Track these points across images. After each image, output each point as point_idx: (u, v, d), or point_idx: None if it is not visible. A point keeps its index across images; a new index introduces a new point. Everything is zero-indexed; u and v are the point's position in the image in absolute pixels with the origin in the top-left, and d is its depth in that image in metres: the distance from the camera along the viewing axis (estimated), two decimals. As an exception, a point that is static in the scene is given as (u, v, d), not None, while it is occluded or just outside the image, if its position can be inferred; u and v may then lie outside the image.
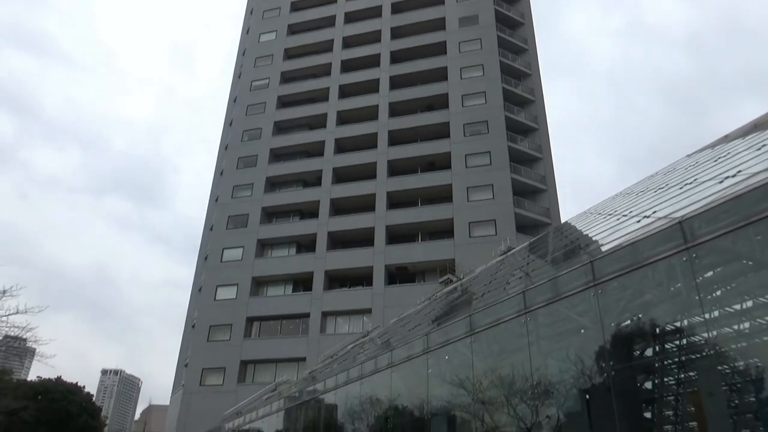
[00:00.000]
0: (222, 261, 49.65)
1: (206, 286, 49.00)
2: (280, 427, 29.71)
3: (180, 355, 51.85)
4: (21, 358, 79.81)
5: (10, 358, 56.00)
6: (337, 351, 36.74)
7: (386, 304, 41.67)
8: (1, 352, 45.03)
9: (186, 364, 47.08)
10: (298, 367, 42.34)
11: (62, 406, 35.76)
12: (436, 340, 18.78)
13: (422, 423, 18.63)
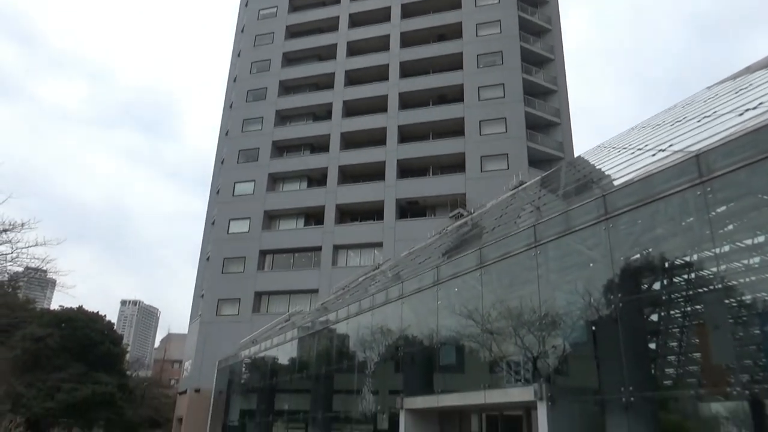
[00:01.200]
0: (234, 195, 50.00)
1: (219, 220, 49.62)
2: (294, 355, 30.85)
3: (196, 286, 53.25)
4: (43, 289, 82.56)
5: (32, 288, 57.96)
6: (349, 283, 37.52)
7: (397, 238, 42.09)
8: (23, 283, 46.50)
9: (202, 295, 48.42)
10: (311, 298, 43.43)
11: (85, 333, 37.18)
12: (446, 273, 19.08)
13: (432, 352, 19.25)
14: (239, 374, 38.72)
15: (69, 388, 33.79)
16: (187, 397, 44.48)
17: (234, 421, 37.86)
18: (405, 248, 37.26)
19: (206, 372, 43.01)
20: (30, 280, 45.11)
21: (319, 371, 26.52)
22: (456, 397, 16.83)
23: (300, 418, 28.47)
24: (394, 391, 20.25)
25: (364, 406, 22.37)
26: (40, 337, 35.15)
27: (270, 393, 32.63)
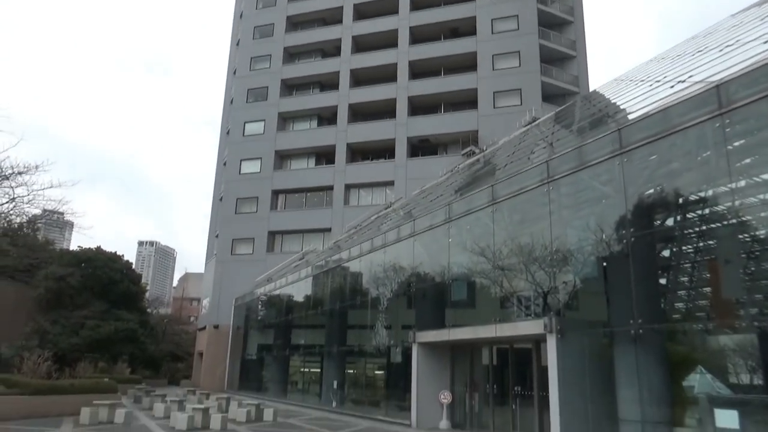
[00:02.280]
0: (244, 135, 49.75)
1: (230, 161, 49.64)
2: (309, 293, 31.56)
3: (211, 227, 53.96)
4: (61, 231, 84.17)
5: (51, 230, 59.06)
6: (361, 222, 37.79)
7: (408, 176, 41.98)
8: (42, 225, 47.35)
9: (217, 235, 49.12)
10: (324, 237, 43.92)
11: (105, 273, 38.08)
12: (458, 210, 19.12)
13: (443, 288, 19.57)
14: (256, 311, 39.82)
15: (92, 324, 35.00)
16: (206, 333, 45.99)
17: (252, 355, 39.28)
18: (416, 186, 37.21)
19: (224, 309, 44.26)
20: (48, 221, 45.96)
21: (334, 307, 27.18)
22: (467, 331, 17.22)
23: (315, 352, 29.44)
24: (406, 326, 20.77)
25: (377, 340, 23.02)
26: (61, 276, 36.13)
27: (286, 328, 33.63)
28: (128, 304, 39.28)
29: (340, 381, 25.50)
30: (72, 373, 29.27)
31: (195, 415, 17.28)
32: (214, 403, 22.90)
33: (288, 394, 31.37)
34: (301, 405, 27.65)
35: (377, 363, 23.35)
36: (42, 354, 25.75)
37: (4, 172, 31.09)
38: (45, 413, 19.04)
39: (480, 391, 18.33)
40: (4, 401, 18.23)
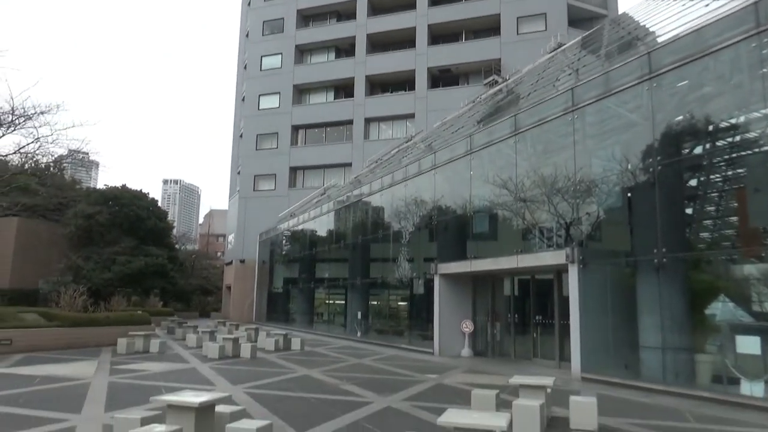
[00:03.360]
0: (261, 70, 49.01)
1: (249, 96, 49.19)
2: (331, 227, 31.92)
3: (232, 164, 54.26)
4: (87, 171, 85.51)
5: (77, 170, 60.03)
6: (382, 156, 37.56)
7: (429, 108, 41.24)
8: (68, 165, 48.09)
9: (239, 172, 49.46)
10: (345, 172, 43.92)
11: (132, 210, 38.77)
12: (480, 141, 18.82)
13: (465, 220, 19.59)
14: (280, 246, 40.57)
15: (123, 260, 36.05)
16: (233, 268, 47.21)
17: (278, 288, 40.37)
18: (437, 119, 36.60)
19: (249, 244, 45.18)
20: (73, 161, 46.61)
21: (356, 241, 27.51)
22: (489, 262, 17.34)
23: (339, 285, 30.11)
24: (428, 259, 20.99)
25: (399, 272, 23.37)
26: (90, 214, 36.90)
27: (310, 262, 34.30)
28: (156, 241, 40.19)
29: (364, 312, 26.17)
30: (107, 306, 30.47)
31: (226, 344, 17.99)
32: (244, 334, 23.76)
33: (314, 325, 32.38)
34: (327, 335, 28.57)
35: (400, 294, 23.82)
36: (77, 289, 26.76)
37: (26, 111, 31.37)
38: (84, 344, 20.02)
39: (501, 320, 18.66)
40: (45, 333, 19.18)
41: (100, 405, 9.43)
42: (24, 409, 8.86)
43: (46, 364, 15.07)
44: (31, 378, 12.42)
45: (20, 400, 9.63)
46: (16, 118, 30.48)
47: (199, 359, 16.90)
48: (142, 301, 36.05)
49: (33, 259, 35.23)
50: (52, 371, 13.60)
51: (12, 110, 31.01)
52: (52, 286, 31.01)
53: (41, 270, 34.94)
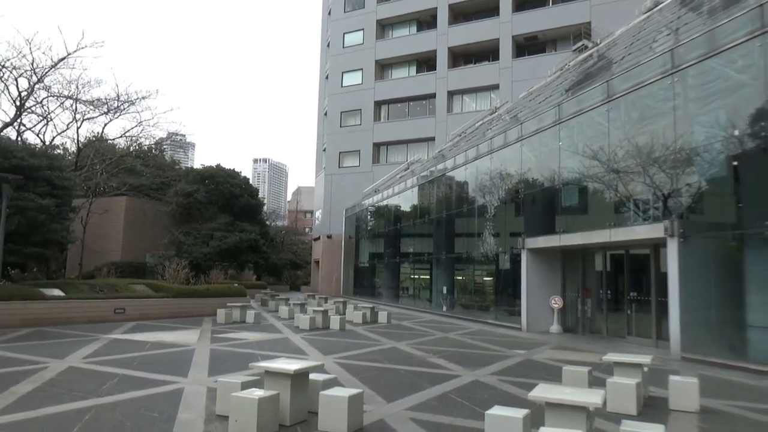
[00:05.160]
0: (344, 47, 49.41)
1: (332, 74, 49.85)
2: (415, 202, 32.00)
3: (318, 142, 55.50)
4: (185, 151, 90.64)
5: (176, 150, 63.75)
6: (465, 129, 36.99)
7: (514, 79, 39.96)
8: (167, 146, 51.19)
9: (324, 149, 50.55)
10: (428, 146, 43.69)
11: (226, 188, 40.85)
12: (569, 111, 18.04)
13: (553, 193, 18.97)
14: (365, 221, 41.25)
15: (220, 236, 38.15)
16: (320, 243, 48.64)
17: (364, 263, 41.18)
18: (523, 89, 35.41)
19: (335, 220, 46.28)
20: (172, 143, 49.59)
21: (441, 216, 27.44)
22: (579, 237, 16.74)
23: (425, 259, 30.25)
24: (514, 233, 20.57)
25: (485, 247, 23.10)
26: (188, 192, 39.31)
27: (395, 237, 34.67)
28: (249, 217, 42.14)
29: (450, 287, 26.18)
30: (206, 279, 32.45)
31: (316, 316, 18.67)
32: (332, 307, 24.54)
33: (399, 299, 32.83)
34: (413, 309, 28.89)
35: (485, 269, 23.59)
36: (180, 262, 28.66)
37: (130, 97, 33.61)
38: (186, 314, 21.49)
39: (592, 296, 18.04)
40: (153, 303, 20.77)
41: (204, 369, 10.12)
42: (138, 372, 9.68)
43: (154, 331, 16.34)
44: (143, 344, 13.52)
45: (134, 363, 10.52)
46: (121, 104, 32.77)
47: (291, 330, 17.66)
48: (238, 275, 38.03)
49: (140, 235, 38.08)
50: (160, 338, 14.72)
51: (117, 97, 33.37)
52: (158, 260, 33.45)
53: (147, 245, 37.74)
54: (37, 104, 29.81)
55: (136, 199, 39.42)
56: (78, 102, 31.03)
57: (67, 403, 7.29)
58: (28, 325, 16.52)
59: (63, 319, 17.52)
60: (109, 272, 31.18)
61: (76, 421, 6.45)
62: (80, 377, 9.19)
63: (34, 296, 17.40)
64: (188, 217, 39.55)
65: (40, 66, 28.11)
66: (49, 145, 32.47)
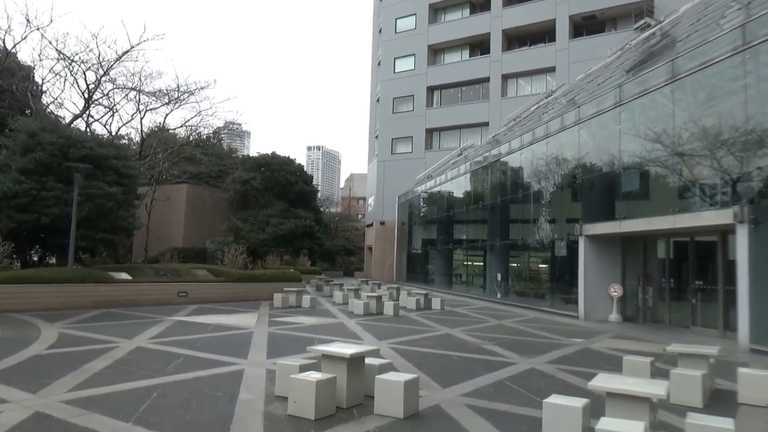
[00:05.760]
0: (396, 32, 49.15)
1: (384, 60, 49.73)
2: (468, 188, 31.67)
3: (370, 128, 55.62)
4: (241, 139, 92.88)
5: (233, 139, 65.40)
6: (520, 113, 36.21)
7: (571, 60, 38.72)
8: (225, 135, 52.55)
9: (376, 136, 50.64)
10: (482, 131, 43.07)
11: (281, 175, 41.61)
12: (630, 92, 17.35)
13: (612, 178, 18.35)
14: (418, 207, 41.19)
15: (276, 222, 38.94)
16: (373, 230, 48.95)
17: (417, 249, 41.20)
18: (580, 71, 34.29)
19: (388, 206, 46.43)
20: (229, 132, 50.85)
21: (495, 202, 27.06)
22: (640, 223, 16.16)
23: (478, 246, 29.97)
24: (571, 219, 20.07)
25: (540, 233, 22.66)
26: (245, 180, 40.30)
27: (448, 223, 34.47)
28: (304, 204, 42.80)
29: (504, 274, 25.87)
30: (263, 264, 33.30)
31: (370, 302, 18.87)
32: (386, 292, 24.71)
33: (452, 285, 32.71)
34: (466, 296, 28.74)
35: (541, 256, 23.16)
36: (238, 248, 29.50)
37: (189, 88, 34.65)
38: (244, 297, 22.13)
39: (654, 284, 17.44)
40: (214, 287, 21.51)
41: (262, 352, 10.42)
42: (201, 353, 10.07)
43: (215, 314, 16.93)
44: (205, 326, 14.04)
45: (197, 345, 10.94)
46: (181, 94, 33.86)
47: (345, 315, 17.92)
48: (293, 260, 38.81)
49: (200, 222, 39.43)
50: (220, 321, 15.25)
51: (177, 87, 34.48)
52: (217, 246, 34.53)
53: (207, 231, 39.03)
54: (104, 96, 31.21)
55: (196, 187, 40.78)
56: (141, 93, 32.28)
57: (137, 381, 7.68)
58: (99, 306, 17.45)
59: (130, 302, 18.41)
60: (171, 257, 32.48)
61: (145, 398, 6.79)
62: (148, 356, 9.65)
63: (104, 279, 18.36)
64: (245, 203, 40.60)
65: (105, 59, 29.37)
66: (115, 135, 33.92)
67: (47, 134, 21.43)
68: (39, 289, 16.40)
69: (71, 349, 10.17)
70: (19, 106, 27.28)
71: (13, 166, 20.99)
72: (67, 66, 28.85)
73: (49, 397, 6.72)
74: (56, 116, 29.99)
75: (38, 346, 10.43)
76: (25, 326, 13.05)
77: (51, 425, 5.68)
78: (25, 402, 6.50)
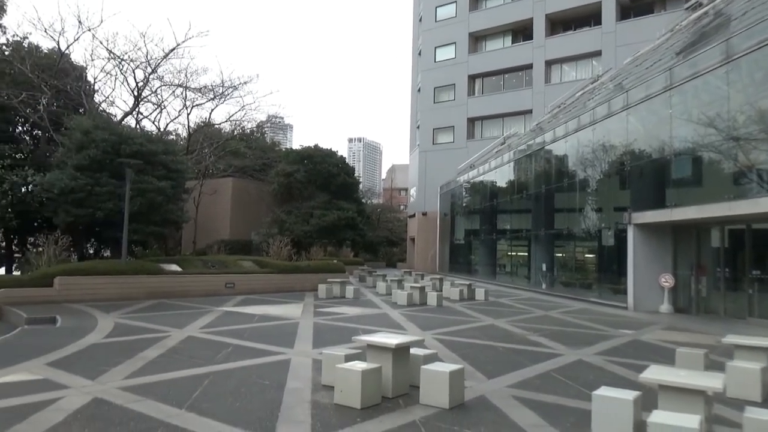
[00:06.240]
0: (436, 21, 48.66)
1: (425, 49, 49.34)
2: (512, 177, 31.21)
3: (412, 118, 55.43)
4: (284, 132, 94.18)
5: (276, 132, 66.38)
6: (565, 100, 35.37)
7: (618, 44, 37.51)
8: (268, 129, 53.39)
9: (418, 126, 50.41)
10: (525, 119, 42.31)
11: (324, 167, 41.99)
12: (681, 75, 16.69)
13: (663, 165, 17.74)
14: (460, 197, 40.87)
15: (319, 214, 39.40)
16: (415, 220, 48.89)
17: (459, 240, 40.94)
18: (628, 54, 33.19)
19: (429, 197, 46.26)
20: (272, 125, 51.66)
21: (539, 191, 26.59)
22: (693, 210, 15.58)
23: (522, 236, 29.53)
24: (619, 208, 19.53)
25: (587, 222, 22.15)
26: (289, 172, 40.88)
27: (491, 213, 34.08)
28: (346, 195, 43.10)
29: (549, 264, 25.44)
30: (306, 255, 33.76)
31: (413, 293, 18.88)
32: (429, 283, 24.67)
33: (496, 276, 32.38)
34: (510, 286, 28.41)
35: (587, 245, 22.65)
36: (282, 240, 29.99)
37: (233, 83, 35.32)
38: (289, 288, 22.50)
39: (708, 274, 16.82)
40: (259, 278, 21.94)
41: (308, 342, 10.58)
42: (249, 342, 10.30)
43: (261, 304, 17.28)
44: (251, 316, 14.35)
45: (245, 334, 11.20)
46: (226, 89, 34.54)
47: (389, 305, 18.00)
48: (336, 252, 39.20)
49: (246, 214, 40.25)
50: (266, 311, 15.56)
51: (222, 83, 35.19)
52: (262, 238, 35.21)
53: (252, 223, 39.82)
54: (152, 93, 32.15)
55: (241, 180, 41.62)
56: (187, 89, 33.10)
57: (188, 369, 7.92)
58: (151, 297, 18.06)
59: (180, 292, 18.97)
60: (219, 249, 33.29)
61: (197, 386, 7.01)
62: (198, 345, 9.94)
63: (155, 271, 18.98)
64: (289, 196, 41.21)
65: (153, 57, 30.23)
66: (164, 131, 34.91)
67: (100, 132, 22.26)
68: (95, 281, 17.09)
69: (126, 338, 10.57)
70: (74, 105, 28.38)
71: (69, 163, 21.91)
72: (118, 65, 29.87)
73: (107, 384, 7.01)
74: (108, 114, 31.09)
75: (96, 335, 10.89)
76: (84, 316, 13.63)
77: (109, 410, 5.93)
78: (85, 388, 6.80)
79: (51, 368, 7.88)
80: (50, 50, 28.62)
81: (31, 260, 19.74)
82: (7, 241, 28.26)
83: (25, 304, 15.11)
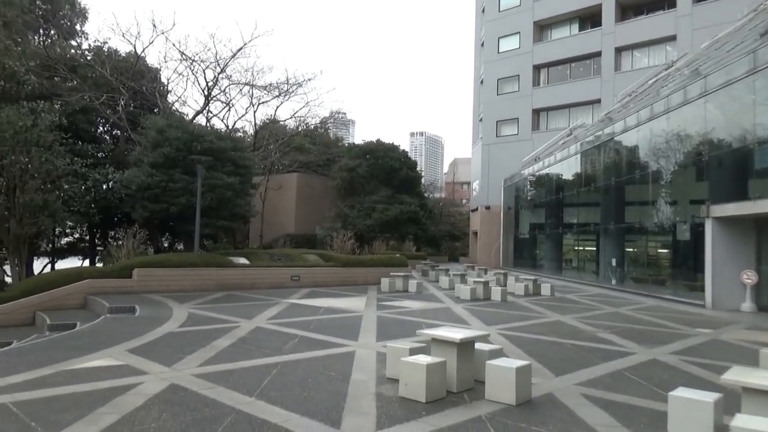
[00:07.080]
0: (500, 11, 47.68)
1: (488, 40, 48.47)
2: (579, 170, 30.23)
3: (474, 111, 54.69)
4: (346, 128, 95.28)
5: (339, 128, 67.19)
6: (636, 88, 33.87)
7: (695, 27, 35.49)
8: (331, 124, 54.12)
9: (480, 119, 49.67)
10: (593, 109, 40.85)
11: (386, 162, 42.21)
12: (766, 58, 15.62)
13: (745, 154, 16.70)
14: (524, 191, 40.00)
15: (381, 208, 39.66)
16: (478, 214, 48.26)
17: (524, 234, 40.10)
18: (705, 38, 31.35)
19: (493, 190, 45.54)
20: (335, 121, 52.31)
21: (608, 183, 25.63)
22: (778, 203, 14.59)
23: (590, 230, 28.59)
24: (695, 201, 18.55)
25: (660, 216, 21.18)
26: (352, 167, 41.36)
27: (557, 207, 33.18)
28: (408, 190, 43.13)
29: (619, 259, 24.51)
30: (369, 249, 34.04)
31: (477, 287, 18.68)
32: (493, 278, 24.33)
33: (562, 271, 31.54)
34: (577, 282, 27.60)
35: (661, 240, 21.67)
36: (346, 234, 30.37)
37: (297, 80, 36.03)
38: (352, 281, 22.77)
39: (796, 271, 15.72)
40: (324, 271, 22.34)
41: (372, 334, 10.68)
42: (315, 334, 10.51)
43: (326, 297, 17.59)
44: (317, 308, 14.63)
45: (311, 326, 11.44)
46: (291, 86, 35.30)
47: (452, 300, 17.89)
48: (399, 246, 39.32)
49: (310, 209, 41.05)
50: (331, 304, 15.82)
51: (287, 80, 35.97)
52: (326, 232, 35.81)
53: (316, 218, 40.58)
54: (221, 92, 33.26)
55: (305, 175, 42.44)
56: (254, 88, 34.02)
57: (258, 359, 8.18)
58: (221, 288, 18.74)
59: (249, 285, 19.59)
60: (284, 243, 34.12)
61: (266, 375, 7.22)
62: (266, 336, 10.24)
63: (225, 264, 19.68)
64: (352, 190, 41.69)
65: (222, 57, 31.24)
66: (232, 128, 36.08)
67: (173, 130, 23.28)
68: (170, 273, 17.91)
69: (199, 328, 11.03)
70: (149, 105, 29.80)
71: (145, 160, 23.05)
72: (189, 66, 31.12)
73: (183, 371, 7.34)
74: (180, 113, 32.45)
75: (171, 324, 11.43)
76: (160, 306, 14.33)
77: (185, 396, 6.21)
78: (162, 374, 7.15)
79: (131, 355, 8.34)
80: (127, 53, 30.14)
81: (112, 253, 20.92)
82: (91, 235, 30.07)
83: (107, 294, 16.05)
